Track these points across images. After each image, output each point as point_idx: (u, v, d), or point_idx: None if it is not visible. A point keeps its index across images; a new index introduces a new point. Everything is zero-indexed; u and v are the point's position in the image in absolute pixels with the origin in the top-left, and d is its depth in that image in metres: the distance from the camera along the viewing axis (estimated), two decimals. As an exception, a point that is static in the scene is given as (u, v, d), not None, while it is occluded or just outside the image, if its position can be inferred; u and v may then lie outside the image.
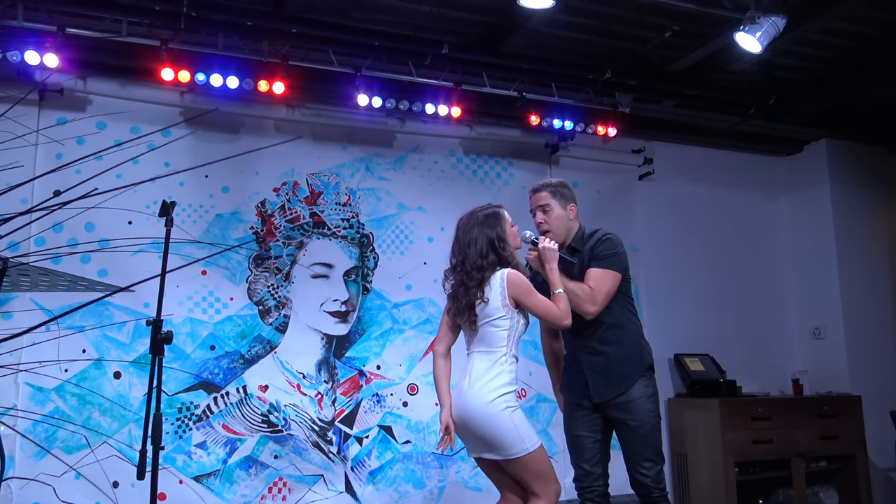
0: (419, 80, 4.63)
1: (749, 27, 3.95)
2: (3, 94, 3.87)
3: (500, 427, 2.73)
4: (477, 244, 2.85)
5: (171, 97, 4.38)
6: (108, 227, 4.01)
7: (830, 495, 5.17)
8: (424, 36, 4.49)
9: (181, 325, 4.22)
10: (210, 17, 4.09)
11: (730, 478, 4.72)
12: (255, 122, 4.63)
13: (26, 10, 3.86)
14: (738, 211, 5.93)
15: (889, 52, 4.72)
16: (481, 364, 2.79)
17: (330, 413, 4.50)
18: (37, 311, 3.84)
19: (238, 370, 4.35)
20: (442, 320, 2.98)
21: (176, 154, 4.23)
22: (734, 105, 5.41)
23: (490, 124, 5.16)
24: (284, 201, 4.64)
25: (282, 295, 4.52)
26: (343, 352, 4.61)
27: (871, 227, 5.97)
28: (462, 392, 2.79)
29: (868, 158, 6.00)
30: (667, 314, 5.40)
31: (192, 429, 4.18)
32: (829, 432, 5.10)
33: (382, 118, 4.81)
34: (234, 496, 4.17)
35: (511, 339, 2.81)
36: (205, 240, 4.33)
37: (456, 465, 4.67)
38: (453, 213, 4.91)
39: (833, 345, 5.70)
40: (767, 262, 6.02)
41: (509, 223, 2.95)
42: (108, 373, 4.07)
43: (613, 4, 4.28)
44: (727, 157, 5.99)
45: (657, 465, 2.96)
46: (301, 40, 4.35)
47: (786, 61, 4.99)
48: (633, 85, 5.08)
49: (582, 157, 5.39)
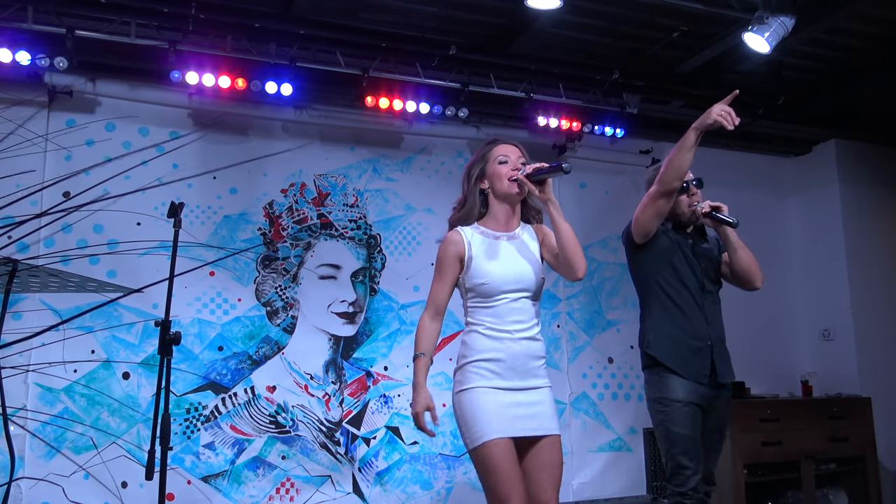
0: (427, 81, 4.63)
1: (757, 27, 3.94)
2: (14, 97, 3.90)
3: (455, 411, 2.38)
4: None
5: (180, 99, 4.40)
6: (116, 229, 4.03)
7: (840, 497, 5.14)
8: (432, 37, 4.49)
9: (189, 326, 4.24)
10: (218, 19, 4.10)
11: (739, 480, 4.70)
12: (263, 124, 4.64)
13: (36, 13, 3.88)
14: (746, 211, 5.83)
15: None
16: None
17: (337, 414, 4.51)
18: (46, 312, 3.86)
19: (246, 371, 4.36)
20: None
21: (184, 156, 4.26)
22: (743, 106, 5.31)
23: (497, 125, 5.15)
24: (292, 202, 4.65)
25: (289, 296, 4.53)
26: (350, 353, 4.62)
27: (881, 227, 5.93)
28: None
29: (877, 159, 5.96)
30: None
31: (200, 429, 4.19)
32: (839, 434, 5.07)
33: (390, 119, 4.81)
34: (241, 497, 4.18)
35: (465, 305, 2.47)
36: (213, 241, 4.34)
37: (464, 465, 4.67)
38: (461, 214, 4.97)
39: (842, 346, 5.66)
40: (776, 263, 5.99)
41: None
42: (116, 373, 4.09)
43: (621, 5, 4.27)
44: (735, 157, 5.96)
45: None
46: (309, 42, 4.36)
47: (794, 61, 4.97)
48: (641, 86, 5.06)
49: (590, 158, 5.38)
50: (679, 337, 2.80)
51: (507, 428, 2.26)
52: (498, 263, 2.39)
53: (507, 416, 2.28)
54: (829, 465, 5.09)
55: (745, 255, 2.88)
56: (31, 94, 3.92)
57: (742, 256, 2.88)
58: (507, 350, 2.34)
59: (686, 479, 2.70)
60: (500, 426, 2.25)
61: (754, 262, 2.90)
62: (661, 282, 2.87)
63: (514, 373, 2.34)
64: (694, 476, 2.70)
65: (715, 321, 2.88)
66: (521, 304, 2.40)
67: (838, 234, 5.77)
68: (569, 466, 4.97)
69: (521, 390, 2.33)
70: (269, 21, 4.20)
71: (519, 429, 2.29)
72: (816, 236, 5.96)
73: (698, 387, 2.76)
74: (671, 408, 2.74)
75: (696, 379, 2.75)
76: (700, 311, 2.84)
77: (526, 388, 2.35)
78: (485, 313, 2.39)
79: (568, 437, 4.99)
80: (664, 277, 2.86)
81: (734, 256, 2.88)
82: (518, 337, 2.37)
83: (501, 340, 2.35)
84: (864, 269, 5.73)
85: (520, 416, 2.30)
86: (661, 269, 2.87)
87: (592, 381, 5.14)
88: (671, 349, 2.79)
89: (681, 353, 2.78)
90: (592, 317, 5.22)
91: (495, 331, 2.36)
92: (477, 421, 2.27)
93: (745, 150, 5.99)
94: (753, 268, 2.89)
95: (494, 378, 2.32)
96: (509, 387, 2.32)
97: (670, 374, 2.77)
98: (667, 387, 2.76)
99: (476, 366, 2.35)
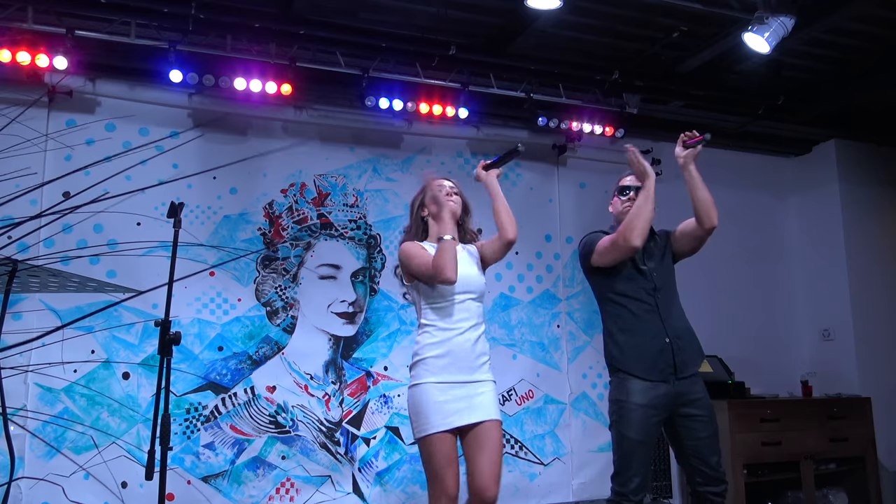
0: (426, 81, 4.63)
1: (757, 27, 3.94)
2: (14, 97, 3.90)
3: (408, 402, 2.72)
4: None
5: (180, 99, 4.40)
6: (116, 229, 4.03)
7: (840, 498, 5.14)
8: (432, 37, 4.49)
9: (189, 327, 4.24)
10: (218, 19, 4.11)
11: (738, 480, 4.70)
12: (262, 124, 4.64)
13: (36, 13, 3.88)
14: (746, 212, 5.90)
15: (898, 51, 4.70)
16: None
17: (337, 414, 4.51)
18: (46, 313, 3.86)
19: (246, 371, 4.36)
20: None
21: (184, 156, 4.26)
22: (742, 105, 5.39)
23: (497, 125, 5.16)
24: (292, 202, 4.65)
25: (289, 296, 4.53)
26: (350, 353, 4.62)
27: (881, 227, 5.93)
28: None
29: (877, 159, 5.96)
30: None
31: (200, 429, 4.19)
32: (839, 434, 5.07)
33: (390, 119, 4.81)
34: (241, 497, 4.18)
35: (419, 308, 2.79)
36: (213, 241, 4.34)
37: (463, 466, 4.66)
38: (460, 214, 4.97)
39: (842, 346, 5.67)
40: (776, 263, 6.00)
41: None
42: (116, 374, 4.09)
43: (621, 5, 4.27)
44: (735, 157, 5.97)
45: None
46: (309, 42, 4.36)
47: (794, 61, 4.97)
48: (641, 86, 5.07)
49: (589, 158, 5.38)
50: (639, 343, 2.88)
51: (448, 422, 2.58)
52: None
53: (450, 410, 2.59)
54: (828, 465, 5.09)
55: (706, 193, 2.99)
56: (31, 94, 3.92)
57: (704, 195, 2.97)
58: (454, 346, 2.65)
59: (628, 480, 2.78)
60: (442, 420, 2.58)
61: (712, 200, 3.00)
62: (614, 294, 2.98)
63: (460, 368, 2.64)
64: (636, 478, 2.76)
65: (671, 315, 2.93)
66: (467, 305, 2.73)
67: (838, 235, 5.77)
68: (569, 466, 4.97)
69: (465, 383, 2.64)
70: (269, 21, 4.21)
71: (459, 420, 2.60)
72: (816, 236, 5.96)
73: (660, 385, 2.81)
74: (626, 410, 2.82)
75: (663, 379, 2.82)
76: (655, 311, 2.91)
77: (470, 381, 2.65)
78: (435, 314, 2.71)
79: (568, 437, 4.99)
80: (616, 289, 2.97)
81: (698, 195, 2.98)
82: (465, 335, 2.68)
83: (449, 338, 2.66)
84: (864, 269, 5.74)
85: (461, 409, 2.60)
86: (612, 281, 2.98)
87: (592, 381, 5.14)
88: (634, 357, 2.88)
89: (644, 359, 2.86)
90: (592, 317, 5.21)
91: (444, 329, 2.68)
92: (423, 414, 2.60)
93: (745, 150, 6.00)
94: (712, 204, 2.98)
95: (442, 373, 2.63)
96: (455, 380, 2.63)
97: (633, 378, 2.85)
98: (626, 390, 2.84)
99: (426, 362, 2.66)
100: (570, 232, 5.26)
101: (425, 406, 2.60)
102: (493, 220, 2.88)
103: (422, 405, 2.61)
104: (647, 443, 2.82)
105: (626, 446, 2.80)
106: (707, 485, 2.81)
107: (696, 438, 2.82)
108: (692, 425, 2.83)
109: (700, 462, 2.82)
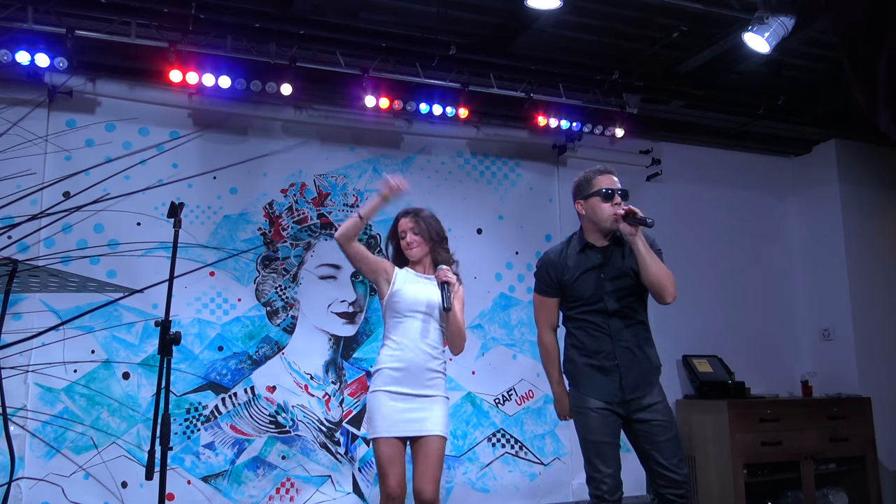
0: (426, 81, 4.63)
1: (757, 27, 3.94)
2: (14, 97, 3.90)
3: (366, 406, 3.03)
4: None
5: (180, 99, 4.39)
6: (116, 229, 4.04)
7: (840, 497, 5.14)
8: (432, 37, 4.49)
9: (189, 326, 4.24)
10: (218, 19, 4.11)
11: (738, 480, 4.70)
12: (262, 124, 4.64)
13: (35, 13, 3.88)
14: (746, 211, 5.91)
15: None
16: None
17: (337, 414, 4.51)
18: (46, 313, 3.86)
19: (246, 371, 4.36)
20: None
21: (184, 156, 4.26)
22: (742, 105, 5.39)
23: (497, 125, 5.15)
24: (292, 202, 4.65)
25: (289, 296, 4.53)
26: (350, 353, 4.62)
27: (881, 227, 5.93)
28: None
29: (877, 159, 5.96)
30: (675, 315, 5.34)
31: (200, 429, 4.19)
32: (839, 434, 5.08)
33: (390, 119, 4.81)
34: (241, 496, 4.18)
35: (386, 325, 3.07)
36: (213, 241, 4.34)
37: (463, 466, 4.67)
38: (461, 214, 4.97)
39: (842, 346, 5.67)
40: (776, 263, 6.00)
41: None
42: (116, 373, 4.09)
43: (621, 5, 4.28)
44: (735, 157, 5.97)
45: (684, 463, 2.90)
46: (309, 42, 4.36)
47: (794, 61, 4.97)
48: (641, 85, 5.07)
49: (589, 158, 5.34)
50: (587, 363, 2.94)
51: (395, 429, 2.88)
52: (411, 290, 3.01)
53: (398, 419, 2.88)
54: (828, 465, 5.09)
55: (656, 268, 2.82)
56: (31, 94, 3.92)
57: (652, 270, 2.82)
58: (408, 360, 2.93)
59: (600, 483, 2.81)
60: (389, 427, 2.88)
61: (665, 276, 2.84)
62: (569, 313, 3.03)
63: (411, 381, 2.91)
64: (608, 479, 2.80)
65: (623, 338, 2.91)
66: (418, 324, 2.98)
67: (838, 234, 5.77)
68: (569, 466, 4.97)
69: (415, 396, 2.92)
70: (269, 21, 4.20)
71: (406, 430, 2.90)
72: (816, 236, 5.96)
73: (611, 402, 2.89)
74: (585, 415, 2.90)
75: (606, 399, 2.87)
76: (606, 332, 2.91)
77: (420, 395, 2.92)
78: (392, 329, 3.00)
79: (568, 437, 4.99)
80: (571, 309, 3.02)
81: (644, 269, 2.83)
82: (416, 351, 2.95)
83: (403, 353, 2.93)
84: (864, 269, 5.73)
85: (410, 419, 2.90)
86: (567, 301, 3.03)
87: (592, 381, 5.14)
88: (580, 376, 2.95)
89: (590, 378, 2.92)
90: (592, 317, 5.22)
91: (399, 343, 2.96)
92: (373, 420, 2.92)
93: (744, 150, 6.00)
94: (664, 282, 2.83)
95: (394, 385, 2.91)
96: (406, 392, 2.91)
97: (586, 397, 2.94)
98: (582, 398, 2.93)
99: (382, 373, 2.95)
100: (570, 232, 5.20)
101: (375, 412, 2.91)
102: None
103: (372, 411, 2.93)
104: (611, 443, 2.86)
105: (592, 449, 2.87)
106: (669, 487, 2.83)
107: (654, 443, 2.85)
108: (649, 430, 2.85)
109: (659, 466, 2.84)
